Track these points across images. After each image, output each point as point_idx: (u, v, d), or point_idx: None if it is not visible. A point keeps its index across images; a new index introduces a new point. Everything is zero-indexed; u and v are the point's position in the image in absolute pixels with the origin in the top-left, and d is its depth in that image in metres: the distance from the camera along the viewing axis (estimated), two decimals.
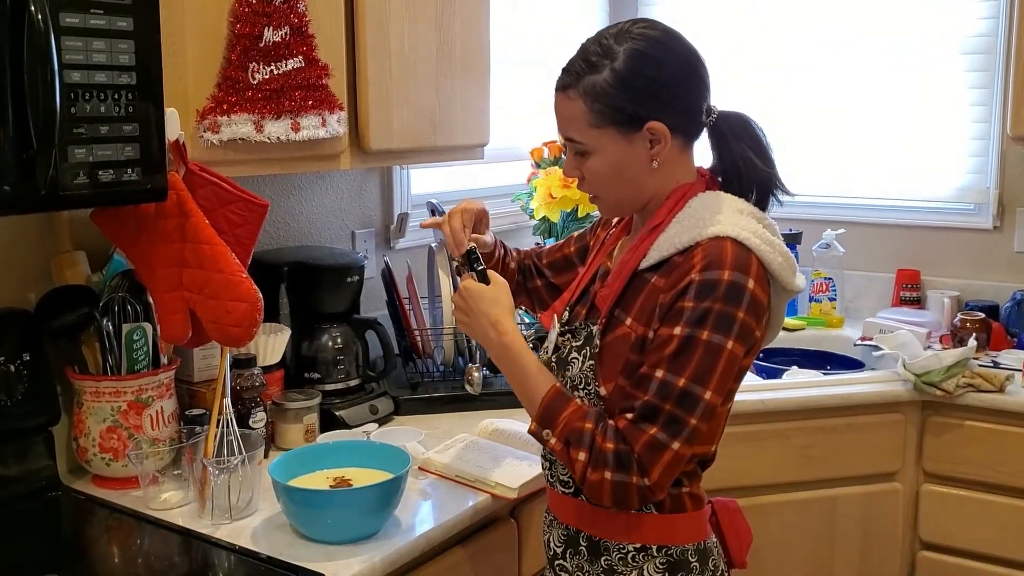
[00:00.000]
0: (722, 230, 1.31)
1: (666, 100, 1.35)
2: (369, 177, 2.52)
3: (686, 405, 1.26)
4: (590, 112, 1.35)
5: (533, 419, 1.38)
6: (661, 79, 1.35)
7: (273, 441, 1.93)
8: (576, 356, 1.41)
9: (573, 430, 1.32)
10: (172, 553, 1.54)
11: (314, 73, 1.73)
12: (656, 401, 1.27)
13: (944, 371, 2.37)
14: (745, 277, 1.29)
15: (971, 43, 2.93)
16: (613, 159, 1.37)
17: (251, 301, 1.53)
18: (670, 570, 1.38)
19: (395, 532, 1.55)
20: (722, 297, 1.27)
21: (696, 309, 1.27)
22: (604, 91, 1.34)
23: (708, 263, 1.29)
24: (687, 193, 1.39)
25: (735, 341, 1.28)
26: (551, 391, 1.37)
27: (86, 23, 1.32)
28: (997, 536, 2.39)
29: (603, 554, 1.41)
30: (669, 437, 1.26)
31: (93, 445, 1.69)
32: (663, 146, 1.36)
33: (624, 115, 1.34)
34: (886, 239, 3.10)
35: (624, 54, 1.34)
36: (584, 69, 1.36)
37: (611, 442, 1.28)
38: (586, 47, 1.38)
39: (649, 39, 1.36)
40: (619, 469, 1.27)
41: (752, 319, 1.30)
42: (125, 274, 1.73)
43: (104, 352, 1.69)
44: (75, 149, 1.33)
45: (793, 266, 1.37)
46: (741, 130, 1.42)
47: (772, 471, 2.37)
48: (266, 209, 1.66)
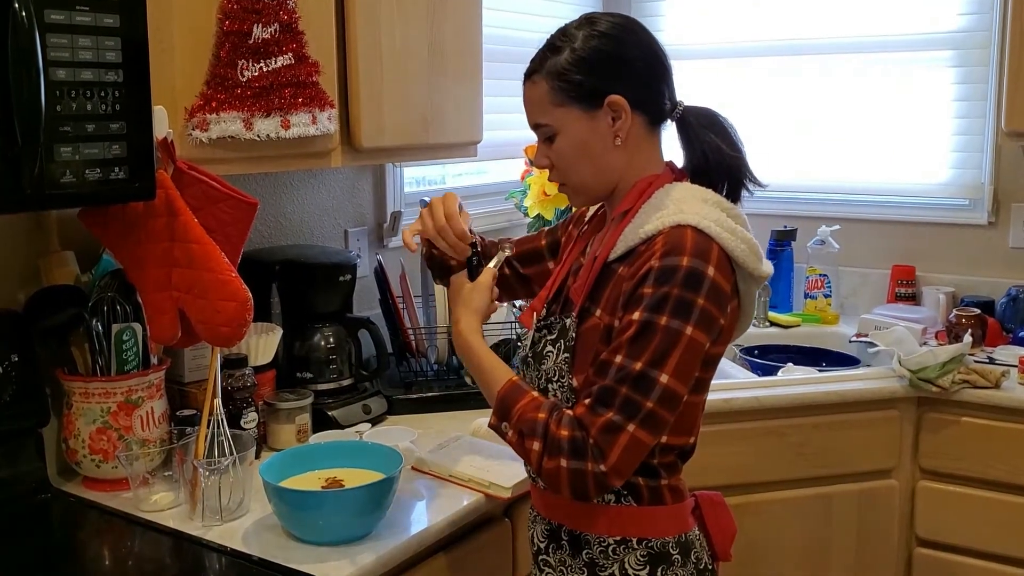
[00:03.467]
0: (684, 218, 1.33)
1: (624, 75, 1.40)
2: (362, 175, 2.51)
3: (642, 388, 1.27)
4: (551, 91, 1.40)
5: (492, 413, 1.40)
6: (618, 54, 1.40)
7: (265, 441, 1.92)
8: (551, 350, 1.43)
9: (526, 420, 1.33)
10: (163, 555, 1.53)
11: (304, 70, 1.72)
12: (612, 384, 1.28)
13: (940, 367, 2.36)
14: (705, 264, 1.30)
15: (965, 38, 2.92)
16: (577, 137, 1.41)
17: (240, 300, 1.52)
18: (651, 563, 1.39)
19: (388, 533, 1.54)
20: (680, 283, 1.28)
21: (655, 295, 1.29)
22: (564, 69, 1.39)
23: (668, 250, 1.30)
24: (653, 183, 1.42)
25: (695, 327, 1.28)
26: (507, 384, 1.39)
27: (71, 20, 1.30)
28: (993, 532, 2.39)
29: (584, 548, 1.41)
30: (624, 419, 1.27)
31: (83, 446, 1.68)
32: (624, 121, 1.39)
33: (584, 90, 1.39)
34: (881, 235, 3.10)
35: (583, 36, 1.40)
36: (547, 55, 1.42)
37: (565, 429, 1.29)
38: (549, 38, 1.45)
39: (609, 23, 1.42)
40: (574, 456, 1.28)
41: (713, 306, 1.30)
42: (114, 274, 1.72)
43: (94, 353, 1.68)
44: (61, 148, 1.31)
45: (758, 252, 1.38)
46: (707, 121, 1.45)
47: (767, 468, 2.37)
48: (255, 207, 1.64)
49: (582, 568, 1.41)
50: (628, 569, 1.39)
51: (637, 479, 1.38)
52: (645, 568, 1.38)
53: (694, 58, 3.26)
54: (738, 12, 3.24)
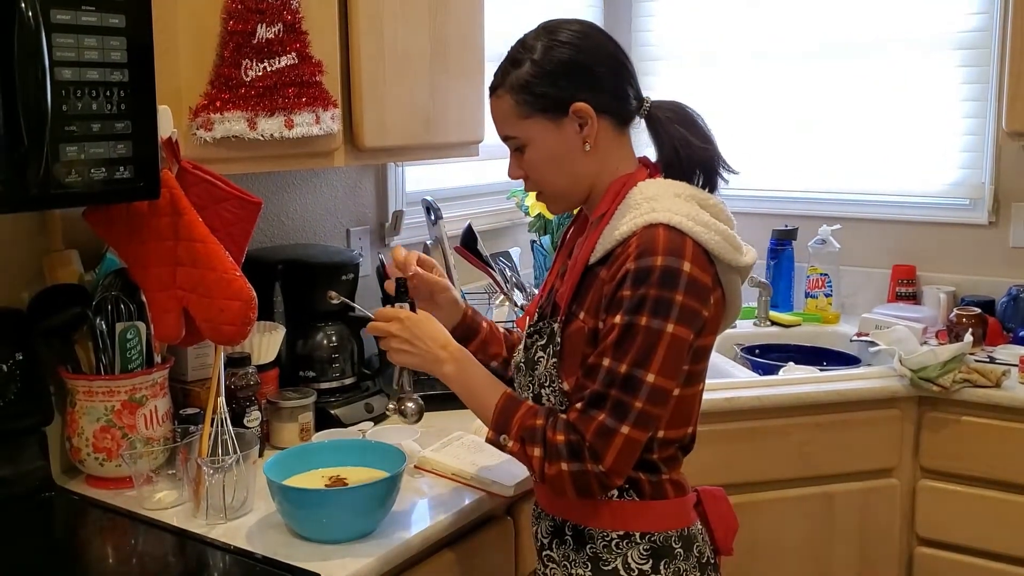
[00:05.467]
0: (655, 217, 1.34)
1: (586, 81, 1.40)
2: (364, 175, 2.51)
3: (630, 389, 1.30)
4: (516, 104, 1.41)
5: (489, 427, 1.42)
6: (578, 61, 1.40)
7: (268, 440, 1.92)
8: (542, 355, 1.45)
9: (526, 428, 1.36)
10: (167, 553, 1.53)
11: (307, 70, 1.72)
12: (602, 388, 1.31)
13: (940, 366, 2.36)
14: (679, 260, 1.31)
15: (966, 38, 2.92)
16: (546, 147, 1.42)
17: (245, 299, 1.53)
18: (654, 556, 1.40)
19: (391, 531, 1.54)
20: (656, 283, 1.30)
21: (633, 297, 1.31)
22: (526, 81, 1.40)
23: (641, 251, 1.32)
24: (627, 183, 1.42)
25: (676, 324, 1.30)
26: (503, 397, 1.41)
27: (77, 20, 1.31)
28: (994, 531, 2.39)
29: (588, 542, 1.43)
30: (617, 421, 1.30)
31: (87, 445, 1.68)
32: (591, 127, 1.40)
33: (548, 100, 1.40)
34: (882, 235, 3.10)
35: (542, 46, 1.41)
36: (509, 68, 1.43)
37: (561, 434, 1.32)
38: (510, 50, 1.45)
39: (566, 30, 1.42)
40: (573, 459, 1.31)
41: (693, 300, 1.32)
42: (118, 273, 1.72)
43: (97, 351, 1.68)
44: (67, 147, 1.32)
45: (735, 243, 1.40)
46: (675, 115, 1.46)
47: (769, 468, 2.37)
48: (259, 207, 1.65)
49: (586, 563, 1.43)
50: (631, 563, 1.40)
51: (639, 474, 1.40)
52: (648, 562, 1.40)
53: (696, 57, 3.27)
54: (741, 12, 3.24)
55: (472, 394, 1.46)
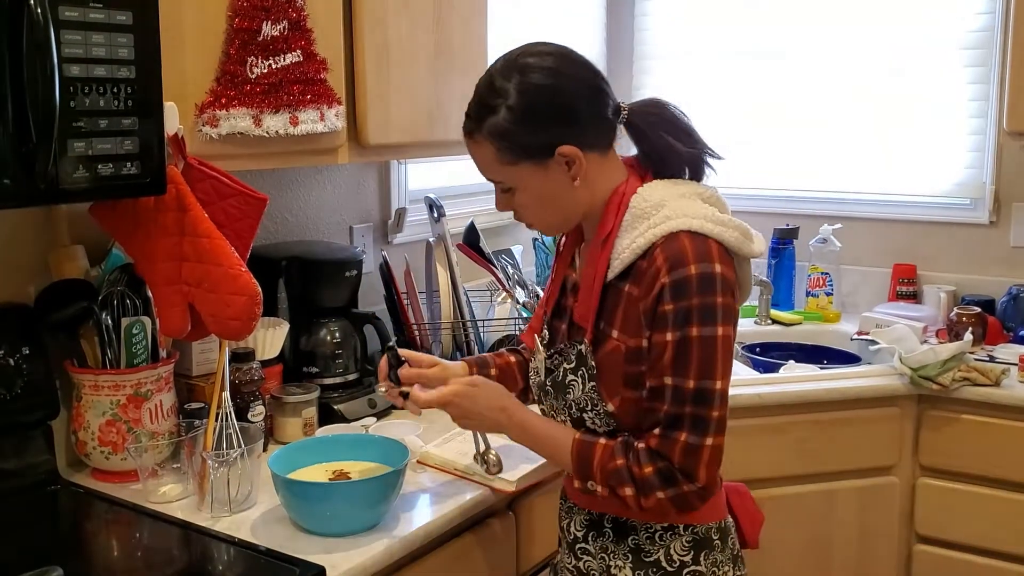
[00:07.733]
0: (674, 225, 1.33)
1: (568, 123, 1.36)
2: (367, 172, 2.52)
3: (703, 402, 1.31)
4: (499, 152, 1.37)
5: (575, 477, 1.41)
6: (557, 103, 1.35)
7: (272, 435, 1.93)
8: (574, 379, 1.43)
9: (609, 473, 1.35)
10: (171, 546, 1.54)
11: (312, 67, 1.73)
12: (675, 409, 1.31)
13: (940, 365, 2.37)
14: (710, 264, 1.32)
15: (968, 38, 2.93)
16: (535, 190, 1.40)
17: (250, 295, 1.54)
18: (695, 548, 1.42)
19: (394, 525, 1.56)
20: (696, 291, 1.30)
21: (677, 310, 1.30)
22: (506, 130, 1.35)
23: (672, 263, 1.31)
24: (625, 193, 1.40)
25: (723, 325, 1.32)
26: (575, 444, 1.40)
27: (85, 17, 1.32)
28: (993, 529, 2.40)
29: (631, 534, 1.44)
30: (699, 437, 1.31)
31: (92, 439, 1.69)
32: (579, 166, 1.37)
33: (532, 148, 1.36)
34: (883, 234, 3.11)
35: (515, 89, 1.34)
36: (482, 112, 1.37)
37: (648, 465, 1.33)
38: (479, 89, 1.40)
39: (536, 68, 1.35)
40: (667, 485, 1.32)
41: (729, 298, 1.34)
42: (124, 268, 1.73)
43: (103, 346, 1.69)
44: (74, 143, 1.33)
45: (748, 234, 1.40)
46: (655, 118, 1.43)
47: (769, 465, 2.38)
48: (265, 203, 1.66)
49: (627, 554, 1.44)
50: (673, 554, 1.42)
51: None
52: (689, 553, 1.42)
53: (697, 57, 3.28)
54: (744, 11, 3.24)
55: (541, 447, 1.46)
